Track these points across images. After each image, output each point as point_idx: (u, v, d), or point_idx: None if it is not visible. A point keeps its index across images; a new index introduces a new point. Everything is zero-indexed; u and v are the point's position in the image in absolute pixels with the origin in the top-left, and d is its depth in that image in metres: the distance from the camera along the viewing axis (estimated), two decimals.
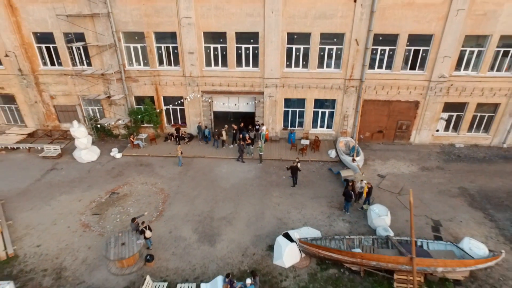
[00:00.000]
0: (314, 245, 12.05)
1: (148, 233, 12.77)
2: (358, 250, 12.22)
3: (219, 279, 11.19)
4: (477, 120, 20.74)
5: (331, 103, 20.83)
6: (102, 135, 22.13)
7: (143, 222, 13.03)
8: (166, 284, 11.45)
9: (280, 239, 12.65)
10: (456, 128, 21.17)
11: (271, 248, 13.05)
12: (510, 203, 15.77)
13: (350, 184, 15.42)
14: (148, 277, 11.24)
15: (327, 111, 21.19)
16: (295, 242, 12.42)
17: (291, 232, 12.91)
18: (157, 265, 12.42)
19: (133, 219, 13.08)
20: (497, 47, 18.37)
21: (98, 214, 15.29)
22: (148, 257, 12.41)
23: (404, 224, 14.33)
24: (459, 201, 15.96)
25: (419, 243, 12.51)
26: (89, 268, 12.35)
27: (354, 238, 12.96)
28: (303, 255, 12.57)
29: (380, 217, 13.76)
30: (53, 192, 16.89)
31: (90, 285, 11.63)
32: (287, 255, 12.28)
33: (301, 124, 21.77)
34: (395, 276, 11.42)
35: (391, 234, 13.14)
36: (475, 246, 11.69)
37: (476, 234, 13.70)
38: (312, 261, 12.52)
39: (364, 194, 15.39)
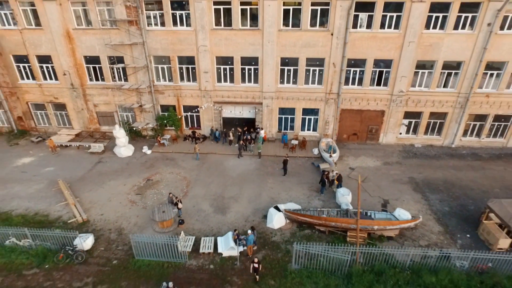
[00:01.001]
0: (295, 213, 17.62)
1: (180, 205, 18.40)
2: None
3: (230, 234, 16.74)
4: (431, 125, 26.17)
5: (315, 112, 26.35)
6: (133, 135, 27.74)
7: (176, 197, 18.66)
8: (193, 238, 17.02)
9: (272, 210, 18.20)
10: (415, 131, 26.61)
11: (265, 216, 18.59)
12: (443, 188, 21.24)
13: (326, 174, 20.98)
14: (182, 233, 16.83)
15: (312, 117, 26.71)
16: (282, 212, 17.98)
17: (279, 206, 18.47)
18: (186, 227, 18.00)
19: (169, 196, 18.72)
20: (442, 69, 23.81)
21: (140, 194, 20.95)
22: (180, 221, 18.01)
23: (361, 201, 19.83)
24: (406, 187, 21.45)
25: (369, 214, 17.99)
26: (140, 228, 17.96)
27: (324, 210, 18.50)
28: (288, 221, 18.11)
29: (343, 196, 19.28)
30: (103, 179, 22.58)
31: (135, 242, 17.23)
32: (276, 221, 17.83)
33: (292, 128, 27.32)
34: (348, 233, 16.95)
35: (351, 208, 18.63)
36: (403, 213, 17.20)
37: (412, 209, 19.17)
38: (293, 225, 18.06)
39: (336, 181, 20.91)
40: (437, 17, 22.30)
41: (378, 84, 24.91)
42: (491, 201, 17.05)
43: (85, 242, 16.25)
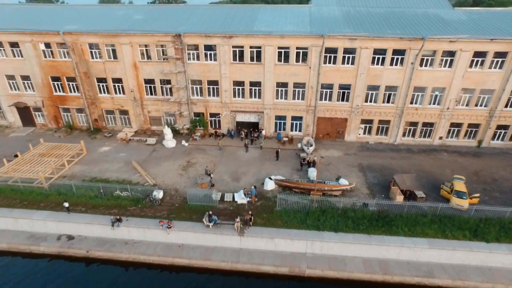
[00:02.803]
0: (281, 181, 29.58)
1: (212, 175, 30.53)
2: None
3: (241, 191, 28.64)
4: (380, 129, 37.79)
5: (300, 118, 38.18)
6: (175, 133, 39.79)
7: (210, 170, 30.79)
8: (220, 193, 29.01)
9: (267, 179, 30.12)
10: (369, 133, 38.25)
11: (262, 184, 30.47)
12: (378, 170, 32.85)
13: (303, 160, 32.87)
14: (214, 190, 28.89)
15: (298, 122, 38.55)
16: (273, 180, 29.91)
17: (272, 177, 30.39)
18: (216, 188, 29.99)
19: (206, 168, 30.87)
20: (385, 91, 35.42)
21: (184, 170, 33.11)
22: (212, 184, 30.06)
23: (324, 176, 31.57)
24: (355, 169, 33.16)
25: (324, 182, 29.76)
26: (186, 189, 30.10)
27: (299, 180, 30.38)
28: (276, 186, 30.03)
29: (311, 172, 31.10)
30: (159, 161, 34.79)
31: (191, 195, 29.35)
32: (269, 185, 29.74)
33: (284, 129, 39.18)
34: (311, 192, 28.77)
35: (314, 178, 30.42)
36: (343, 181, 29.03)
37: (353, 181, 30.82)
38: (279, 188, 29.95)
39: (312, 164, 32.72)
40: (378, 58, 33.94)
41: (342, 100, 36.62)
42: (395, 175, 28.81)
43: (159, 194, 28.44)
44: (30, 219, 26.68)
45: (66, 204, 26.77)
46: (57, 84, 39.11)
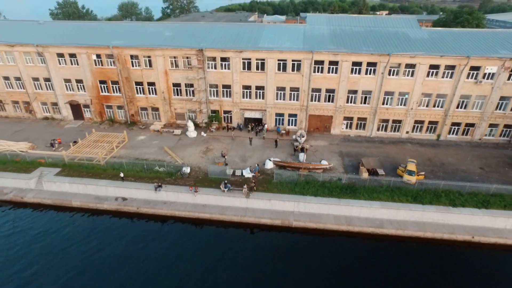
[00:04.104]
0: (278, 161, 39.47)
1: (226, 157, 40.56)
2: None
3: (248, 168, 38.58)
4: (359, 125, 47.35)
5: (295, 115, 47.97)
6: (195, 126, 49.88)
7: (224, 153, 40.84)
8: (232, 169, 38.98)
9: (267, 161, 40.04)
10: (351, 127, 47.84)
11: (264, 164, 40.39)
12: (354, 156, 42.40)
13: (296, 147, 42.72)
14: (227, 167, 38.86)
15: (293, 118, 48.34)
16: (272, 161, 39.80)
17: (271, 159, 40.29)
18: (229, 166, 39.96)
19: (222, 152, 40.95)
20: (362, 94, 44.97)
21: (204, 154, 43.18)
22: (226, 163, 40.05)
23: (312, 159, 41.29)
24: (336, 154, 42.84)
25: (312, 163, 39.53)
26: (207, 166, 40.12)
27: (291, 161, 40.22)
28: (274, 165, 39.91)
29: (301, 156, 40.88)
30: (184, 147, 44.93)
31: (210, 170, 39.33)
32: (269, 165, 39.67)
33: (282, 124, 49.00)
34: (299, 170, 38.54)
35: (303, 160, 40.22)
36: (324, 162, 38.81)
37: (333, 163, 40.52)
38: (276, 167, 39.82)
39: (302, 150, 42.50)
40: (356, 68, 43.50)
41: (328, 101, 46.26)
42: (363, 158, 38.48)
43: (187, 169, 38.54)
44: (95, 185, 37.04)
45: (121, 175, 37.10)
46: (103, 86, 49.56)
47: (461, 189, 34.67)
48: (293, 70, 44.77)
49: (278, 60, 44.34)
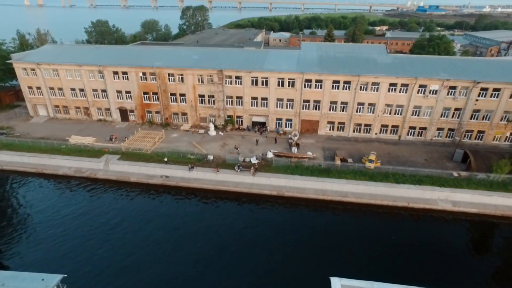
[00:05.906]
0: (276, 152, 54.52)
1: (239, 149, 55.77)
2: None
3: (255, 156, 53.68)
4: (339, 127, 62.20)
5: (291, 119, 63.06)
6: (215, 127, 65.21)
7: (237, 146, 56.07)
8: (243, 157, 54.08)
9: (268, 152, 55.08)
10: (333, 129, 62.68)
11: (266, 154, 55.41)
12: (333, 149, 57.17)
13: (290, 143, 57.75)
14: (239, 156, 53.97)
15: (289, 122, 63.42)
16: (272, 152, 54.82)
17: (271, 151, 55.33)
18: (241, 155, 55.06)
19: (235, 146, 56.22)
20: (340, 104, 59.90)
21: (222, 147, 58.44)
22: (238, 153, 55.17)
23: (300, 151, 56.16)
24: (320, 149, 57.68)
25: (300, 153, 54.38)
26: (225, 155, 55.26)
27: (286, 153, 55.21)
28: (273, 155, 54.92)
29: (294, 149, 55.82)
30: (207, 142, 60.28)
31: (227, 157, 54.45)
32: (270, 155, 54.69)
33: (281, 126, 64.10)
34: (291, 158, 53.41)
35: (295, 152, 55.10)
36: (309, 153, 53.68)
37: (316, 154, 55.34)
38: (275, 157, 54.82)
39: (297, 145, 57.46)
40: (336, 85, 58.53)
41: (316, 109, 61.28)
42: (337, 150, 53.32)
43: (210, 157, 53.77)
44: (146, 166, 52.48)
45: (165, 159, 52.57)
46: (146, 96, 65.46)
47: (404, 173, 49.19)
48: (289, 86, 60.01)
49: (278, 78, 59.64)
